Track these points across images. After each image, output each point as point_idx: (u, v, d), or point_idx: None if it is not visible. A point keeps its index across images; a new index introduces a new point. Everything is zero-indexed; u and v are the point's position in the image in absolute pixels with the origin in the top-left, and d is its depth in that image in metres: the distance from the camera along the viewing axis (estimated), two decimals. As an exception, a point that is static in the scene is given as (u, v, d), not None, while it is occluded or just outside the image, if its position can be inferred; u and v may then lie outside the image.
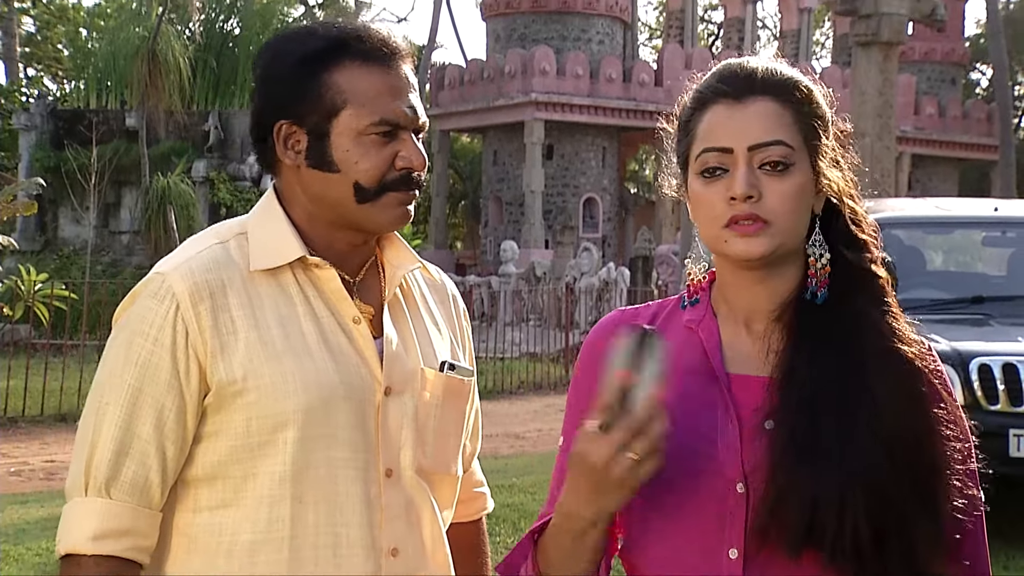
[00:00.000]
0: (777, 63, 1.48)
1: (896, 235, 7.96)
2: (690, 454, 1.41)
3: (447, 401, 1.70)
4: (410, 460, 1.64)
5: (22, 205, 4.69)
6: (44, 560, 5.72)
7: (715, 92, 1.46)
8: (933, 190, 33.42)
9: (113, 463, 1.55)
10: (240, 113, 19.53)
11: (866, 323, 1.43)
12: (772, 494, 1.35)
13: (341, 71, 1.60)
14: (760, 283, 1.47)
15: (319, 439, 1.57)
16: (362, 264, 1.69)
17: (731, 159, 1.42)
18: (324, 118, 1.60)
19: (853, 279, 1.46)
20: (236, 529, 1.56)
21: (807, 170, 1.44)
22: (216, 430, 1.58)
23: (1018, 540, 6.63)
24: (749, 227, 1.41)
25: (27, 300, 10.12)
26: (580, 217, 28.99)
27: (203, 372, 1.56)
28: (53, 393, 10.92)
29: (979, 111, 33.96)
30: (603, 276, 19.24)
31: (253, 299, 1.59)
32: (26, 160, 19.48)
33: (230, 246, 1.63)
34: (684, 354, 1.48)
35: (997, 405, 6.29)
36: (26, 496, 7.47)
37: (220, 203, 18.50)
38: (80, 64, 21.33)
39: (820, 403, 1.38)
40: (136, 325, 1.57)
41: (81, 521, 1.54)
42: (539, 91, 27.62)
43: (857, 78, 15.65)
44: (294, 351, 1.58)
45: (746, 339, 1.48)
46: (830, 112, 1.49)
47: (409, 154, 1.61)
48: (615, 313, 1.60)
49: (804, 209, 1.44)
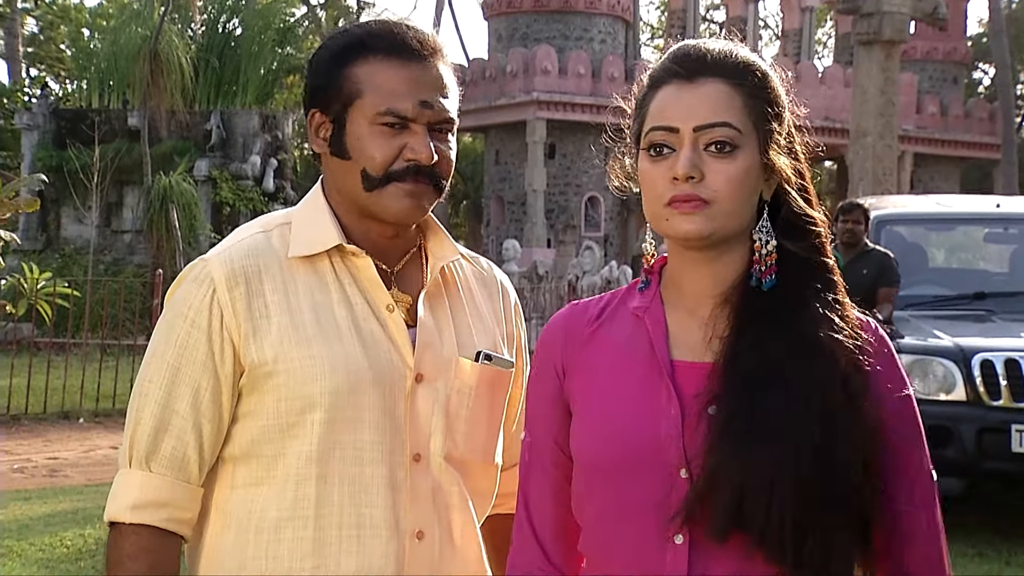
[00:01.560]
0: (734, 46, 1.48)
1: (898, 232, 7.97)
2: (634, 441, 1.43)
3: (482, 391, 1.72)
4: (439, 447, 1.67)
5: (24, 202, 4.67)
6: (47, 556, 5.74)
7: (668, 72, 1.47)
8: (935, 189, 33.39)
9: (152, 438, 1.62)
10: (242, 112, 19.53)
11: (808, 309, 1.43)
12: (702, 478, 1.37)
13: (363, 64, 1.66)
14: (705, 264, 1.48)
15: (346, 422, 1.61)
16: (402, 254, 1.74)
17: (677, 139, 1.43)
18: (343, 107, 1.67)
19: (798, 267, 1.46)
20: (265, 506, 1.62)
21: (754, 154, 1.44)
22: (250, 410, 1.64)
23: (1018, 536, 6.62)
24: (687, 206, 1.41)
25: (30, 298, 10.11)
26: (582, 216, 28.97)
27: (237, 354, 1.63)
28: (56, 391, 10.93)
29: (981, 110, 33.92)
30: (605, 275, 19.23)
31: (288, 285, 1.65)
32: (28, 159, 19.47)
33: (272, 235, 1.70)
34: (630, 342, 1.50)
35: (999, 401, 6.30)
36: (29, 492, 7.48)
37: (222, 202, 18.50)
38: (82, 64, 21.31)
39: (760, 388, 1.39)
40: (177, 307, 1.65)
41: (123, 491, 1.62)
42: (541, 90, 27.62)
43: (859, 77, 15.65)
44: (324, 336, 1.63)
45: (692, 325, 1.48)
46: (786, 99, 1.49)
47: (417, 147, 1.64)
48: (567, 307, 1.61)
49: (748, 193, 1.44)
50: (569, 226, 24.83)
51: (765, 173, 1.46)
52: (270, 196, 19.11)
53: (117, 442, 9.80)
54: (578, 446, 1.49)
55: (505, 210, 29.98)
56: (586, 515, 1.49)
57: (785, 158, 1.47)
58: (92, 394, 11.07)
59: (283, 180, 19.68)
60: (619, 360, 1.49)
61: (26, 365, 10.95)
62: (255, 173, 19.02)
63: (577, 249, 22.26)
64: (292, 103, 23.62)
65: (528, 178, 27.88)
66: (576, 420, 1.50)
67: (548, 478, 1.55)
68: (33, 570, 5.40)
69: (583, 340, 1.53)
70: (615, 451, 1.43)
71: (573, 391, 1.52)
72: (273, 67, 21.63)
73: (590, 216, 29.38)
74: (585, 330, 1.54)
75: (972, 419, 6.30)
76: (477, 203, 33.69)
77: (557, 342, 1.55)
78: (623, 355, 1.49)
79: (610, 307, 1.56)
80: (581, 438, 1.48)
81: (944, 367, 6.41)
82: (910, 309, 7.18)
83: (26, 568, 5.42)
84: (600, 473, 1.45)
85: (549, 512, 1.55)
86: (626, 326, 1.52)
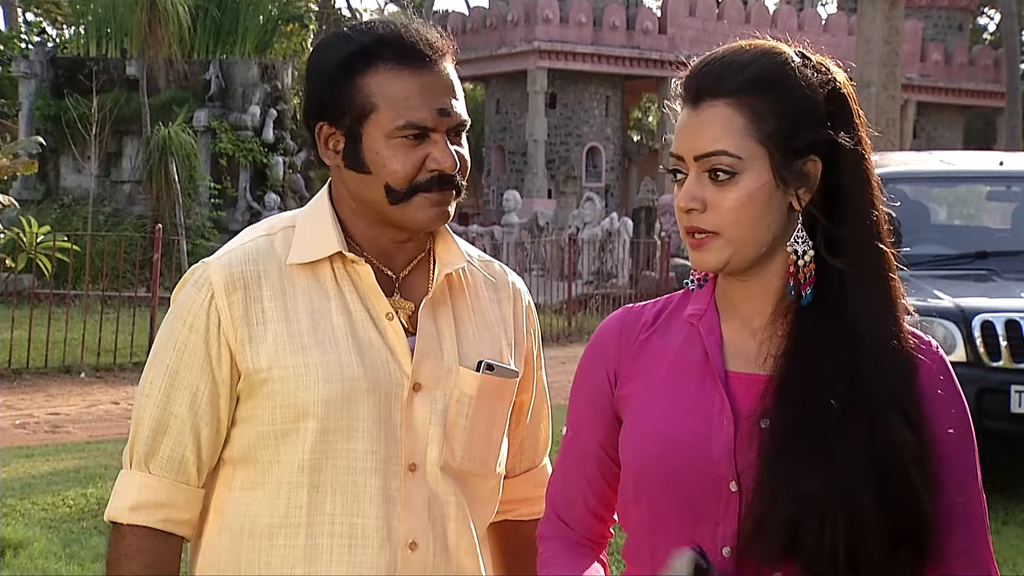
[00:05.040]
0: (749, 54, 1.42)
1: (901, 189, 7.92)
2: (685, 451, 1.42)
3: (482, 401, 1.70)
4: (436, 456, 1.66)
5: (22, 164, 4.69)
6: (50, 515, 5.77)
7: (679, 96, 1.45)
8: (938, 138, 33.24)
9: (152, 439, 1.64)
10: (241, 62, 19.38)
11: (861, 322, 1.40)
12: (757, 502, 1.36)
13: (374, 75, 1.62)
14: (746, 283, 1.46)
15: (339, 430, 1.61)
16: (409, 260, 1.72)
17: (685, 166, 1.43)
18: (356, 121, 1.63)
19: (842, 273, 1.41)
20: (259, 511, 1.63)
21: (760, 175, 1.39)
22: (247, 415, 1.65)
23: (1017, 496, 6.67)
24: (696, 240, 1.41)
25: (29, 252, 10.09)
26: (583, 167, 28.88)
27: (234, 359, 1.63)
28: (57, 344, 10.96)
29: (986, 57, 33.67)
30: (606, 226, 19.18)
31: (287, 291, 1.65)
32: (26, 108, 19.36)
33: (275, 238, 1.69)
34: (684, 349, 1.48)
35: (999, 361, 6.31)
36: (31, 450, 7.51)
37: (221, 153, 18.41)
38: (80, 10, 21.13)
39: (815, 404, 1.37)
40: (178, 311, 1.67)
41: (123, 491, 1.65)
42: (542, 39, 27.41)
43: (863, 27, 15.49)
44: (320, 343, 1.62)
45: (747, 336, 1.46)
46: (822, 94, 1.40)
47: (440, 156, 1.62)
48: (621, 311, 1.59)
49: (758, 215, 1.40)
50: (570, 177, 24.76)
51: (791, 183, 1.40)
52: (270, 147, 19.02)
53: (118, 397, 9.85)
54: (629, 452, 1.48)
55: (506, 160, 29.87)
56: (632, 521, 1.49)
57: (814, 163, 1.41)
58: (93, 348, 11.09)
59: (283, 130, 19.57)
60: (673, 368, 1.48)
61: (26, 317, 10.97)
62: (254, 123, 18.90)
63: (578, 200, 22.21)
64: (291, 52, 23.42)
65: (529, 128, 27.76)
66: (628, 426, 1.49)
67: (585, 476, 1.55)
68: (36, 531, 5.42)
69: (637, 347, 1.52)
70: (666, 459, 1.42)
71: (625, 398, 1.51)
72: (273, 15, 21.43)
73: (591, 167, 29.28)
74: (640, 336, 1.53)
75: (972, 380, 6.29)
76: (477, 153, 33.53)
77: (611, 346, 1.54)
78: (677, 363, 1.48)
79: (665, 312, 1.54)
80: (632, 445, 1.47)
81: (944, 328, 6.41)
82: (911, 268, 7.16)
83: (29, 528, 5.45)
84: (649, 480, 1.44)
85: (580, 508, 1.55)
86: (680, 333, 1.50)
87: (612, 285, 18.20)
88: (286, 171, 19.41)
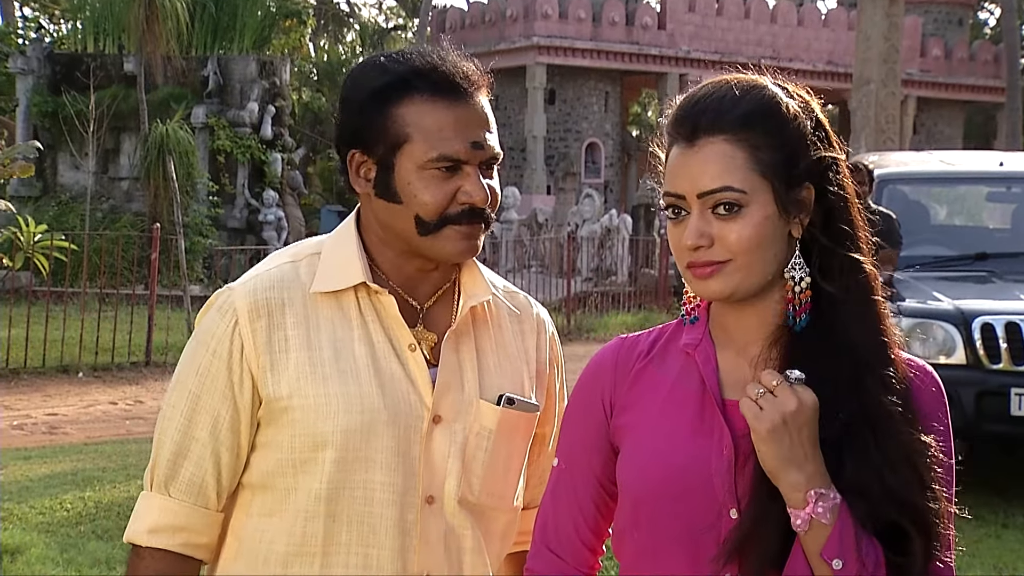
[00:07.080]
0: (737, 90, 1.43)
1: (900, 190, 7.91)
2: (686, 477, 1.43)
3: (502, 434, 1.70)
4: (454, 489, 1.66)
5: (19, 168, 4.68)
6: (48, 519, 5.76)
7: (671, 135, 1.45)
8: (938, 134, 33.22)
9: (172, 463, 1.66)
10: (239, 58, 19.31)
11: (856, 343, 1.41)
12: (747, 519, 1.37)
13: (408, 105, 1.62)
14: (744, 311, 1.47)
15: (357, 461, 1.62)
16: (434, 290, 1.72)
17: (687, 204, 1.43)
18: (390, 150, 1.63)
19: (839, 304, 1.43)
20: (274, 538, 1.64)
21: (766, 206, 1.41)
22: (267, 441, 1.65)
23: (1017, 499, 6.66)
24: (702, 271, 1.42)
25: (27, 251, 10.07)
26: (582, 163, 28.85)
27: (255, 385, 1.64)
28: (55, 343, 10.94)
29: (986, 52, 33.62)
30: (605, 223, 19.16)
31: (310, 319, 1.65)
32: (23, 105, 19.30)
33: (300, 265, 1.69)
34: (681, 378, 1.49)
35: (999, 364, 6.31)
36: (29, 451, 7.49)
37: (219, 149, 18.35)
38: (77, 5, 21.07)
39: (821, 420, 1.36)
40: (202, 336, 1.67)
41: (143, 514, 1.67)
42: (541, 35, 27.36)
43: (863, 23, 15.47)
44: (341, 373, 1.62)
45: (741, 364, 1.47)
46: (808, 123, 1.43)
47: (471, 190, 1.62)
48: (616, 341, 1.60)
49: (766, 244, 1.41)
50: (569, 173, 24.74)
51: (792, 212, 1.43)
52: (268, 143, 18.97)
53: (116, 397, 9.84)
54: (629, 479, 1.48)
55: (505, 156, 29.82)
56: (628, 549, 1.49)
57: (808, 191, 1.43)
58: (91, 347, 11.07)
59: (281, 127, 19.52)
60: (670, 397, 1.49)
61: (24, 315, 10.95)
62: (253, 120, 18.85)
63: (577, 196, 22.18)
64: (289, 48, 23.37)
65: (528, 124, 27.72)
66: (626, 454, 1.50)
67: (578, 507, 1.54)
68: (34, 535, 5.40)
69: (633, 376, 1.53)
70: (668, 485, 1.43)
71: (622, 427, 1.51)
72: (271, 11, 21.38)
73: (590, 163, 29.24)
74: (635, 366, 1.54)
75: (972, 382, 6.30)
76: (476, 147, 33.50)
77: (606, 376, 1.55)
78: (674, 392, 1.49)
79: (660, 342, 1.55)
80: (632, 471, 1.48)
81: (944, 330, 6.41)
82: (911, 270, 7.16)
83: (27, 533, 5.43)
84: (650, 506, 1.45)
85: (572, 539, 1.55)
86: (676, 363, 1.51)
87: (611, 282, 18.19)
88: (284, 168, 19.37)
